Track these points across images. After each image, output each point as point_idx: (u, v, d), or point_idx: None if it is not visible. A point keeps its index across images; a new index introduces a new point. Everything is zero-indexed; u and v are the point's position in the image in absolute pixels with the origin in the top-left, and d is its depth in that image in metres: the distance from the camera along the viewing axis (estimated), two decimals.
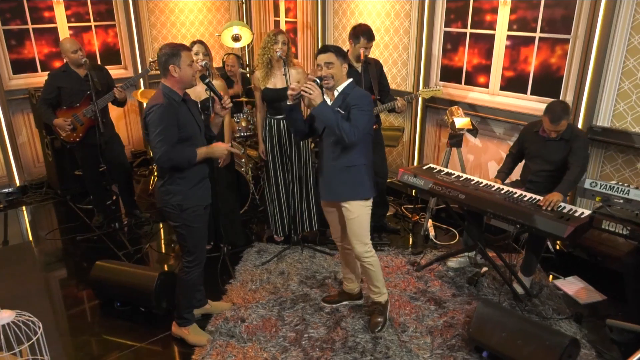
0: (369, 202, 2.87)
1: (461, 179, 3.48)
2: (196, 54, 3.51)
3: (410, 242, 4.17)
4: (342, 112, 2.73)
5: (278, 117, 3.78)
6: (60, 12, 5.10)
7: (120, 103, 4.12)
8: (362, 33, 3.73)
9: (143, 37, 5.63)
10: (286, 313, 3.20)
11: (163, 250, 4.14)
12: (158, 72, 4.23)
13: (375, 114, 3.81)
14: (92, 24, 5.35)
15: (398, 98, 3.79)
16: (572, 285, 3.48)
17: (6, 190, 5.06)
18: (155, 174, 5.33)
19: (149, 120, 2.55)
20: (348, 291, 3.27)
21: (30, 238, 4.38)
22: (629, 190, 2.34)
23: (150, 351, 2.95)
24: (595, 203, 2.81)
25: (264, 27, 6.25)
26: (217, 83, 3.47)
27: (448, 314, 3.19)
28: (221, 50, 6.22)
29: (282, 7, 5.97)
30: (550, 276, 3.62)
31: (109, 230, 4.29)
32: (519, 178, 3.56)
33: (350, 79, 2.84)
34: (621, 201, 2.33)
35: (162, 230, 4.45)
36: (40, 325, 2.32)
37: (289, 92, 2.76)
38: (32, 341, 2.32)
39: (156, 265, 3.94)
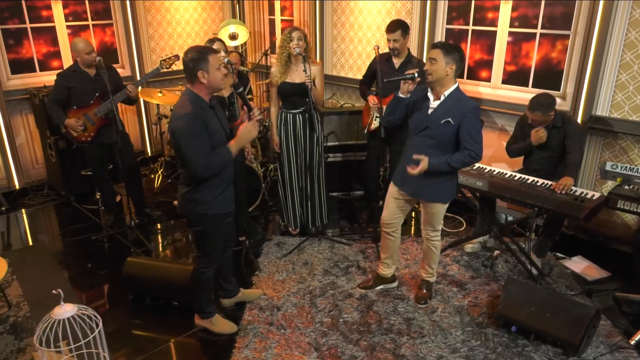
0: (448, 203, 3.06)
1: (475, 168, 3.69)
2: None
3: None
4: (452, 122, 2.78)
5: (294, 111, 3.88)
6: (58, 11, 5.03)
7: (131, 101, 4.12)
8: (386, 27, 3.87)
9: (140, 36, 5.61)
10: (318, 300, 3.32)
11: (181, 246, 4.18)
12: (168, 70, 4.31)
13: None
14: (90, 22, 5.29)
15: None
16: (578, 264, 3.74)
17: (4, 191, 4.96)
18: (160, 172, 5.34)
19: (178, 131, 2.47)
20: (383, 276, 3.41)
21: (41, 239, 4.32)
22: None
23: (190, 343, 3.00)
24: (596, 184, 3.05)
25: (258, 25, 6.32)
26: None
27: (471, 294, 3.38)
28: None
29: (277, 6, 6.05)
30: (552, 257, 3.86)
31: (124, 228, 4.29)
32: (522, 167, 3.79)
33: (457, 84, 2.87)
34: None
35: (174, 227, 4.47)
36: (100, 320, 2.35)
37: (408, 87, 2.88)
38: (93, 335, 2.34)
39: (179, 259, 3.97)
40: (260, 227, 4.40)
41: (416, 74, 2.83)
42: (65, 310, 2.31)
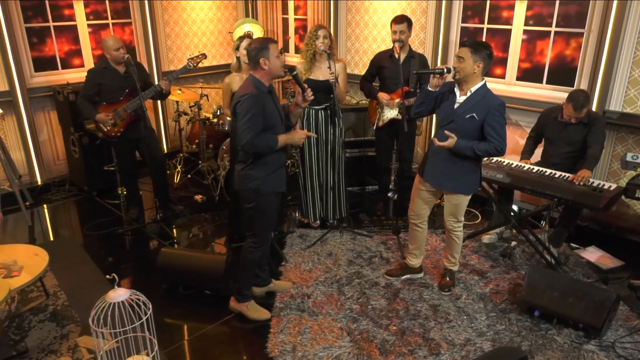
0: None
1: (493, 161, 3.82)
2: (246, 48, 3.68)
3: (439, 223, 4.48)
4: (477, 118, 2.91)
5: (316, 107, 4.00)
6: (79, 10, 5.13)
7: (163, 96, 4.24)
8: (393, 20, 4.00)
9: (157, 35, 5.71)
10: (345, 289, 3.44)
11: (204, 238, 4.29)
12: (210, 63, 4.39)
13: (407, 106, 4.10)
14: (110, 21, 5.40)
15: None
16: (592, 254, 3.88)
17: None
18: (179, 168, 5.45)
19: (239, 109, 2.74)
20: (411, 266, 3.54)
21: (67, 233, 4.42)
22: None
23: (226, 329, 3.12)
24: (609, 177, 3.19)
25: (271, 24, 6.43)
26: None
27: (492, 282, 3.51)
28: None
29: (290, 5, 6.17)
30: (567, 247, 4.00)
31: (148, 222, 4.41)
32: (540, 160, 3.93)
33: (484, 81, 2.98)
34: None
35: (196, 220, 4.59)
36: (150, 306, 2.46)
37: (436, 82, 3.00)
38: (145, 318, 2.45)
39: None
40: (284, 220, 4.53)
41: (445, 70, 2.96)
42: (119, 294, 2.42)
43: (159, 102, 5.84)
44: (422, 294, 3.38)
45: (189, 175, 5.35)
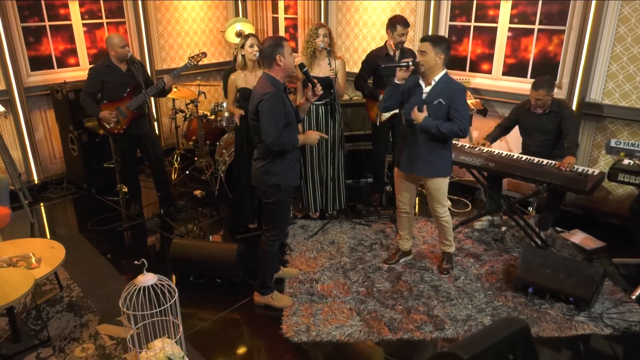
0: (448, 177, 3.41)
1: (484, 151, 4.06)
2: (251, 46, 3.83)
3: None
4: (443, 102, 3.16)
5: (317, 102, 4.16)
6: (75, 10, 5.18)
7: (164, 92, 4.34)
8: (398, 21, 4.17)
9: (150, 34, 5.79)
10: (350, 274, 3.63)
11: (207, 230, 4.42)
12: (209, 61, 4.51)
13: None
14: (104, 20, 5.46)
15: None
16: (577, 236, 4.15)
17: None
18: (175, 165, 5.54)
19: (262, 107, 2.81)
20: (404, 250, 3.75)
21: (70, 230, 4.49)
22: None
23: (241, 315, 3.26)
24: (590, 164, 3.45)
25: (261, 24, 6.56)
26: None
27: (487, 264, 3.74)
28: (227, 46, 6.49)
29: (281, 5, 6.31)
30: (553, 231, 4.27)
31: (152, 216, 4.51)
32: (521, 151, 4.18)
33: (445, 70, 3.22)
34: None
35: (198, 214, 4.71)
36: (176, 291, 2.58)
37: (403, 75, 3.19)
38: (170, 303, 2.57)
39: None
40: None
41: (410, 62, 3.18)
42: (148, 279, 2.54)
43: (152, 100, 5.92)
44: (423, 276, 3.59)
45: (187, 172, 5.45)
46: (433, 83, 3.22)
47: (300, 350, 2.91)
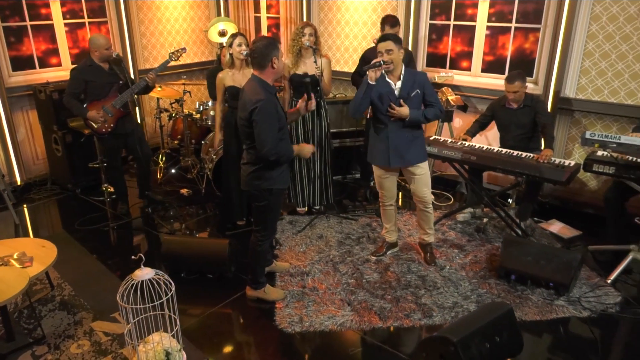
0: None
1: (465, 145, 4.20)
2: (239, 45, 3.88)
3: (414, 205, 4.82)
4: (420, 92, 3.35)
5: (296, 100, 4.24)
6: (56, 9, 5.15)
7: (148, 89, 4.37)
8: (387, 22, 4.30)
9: (133, 33, 5.78)
10: (340, 266, 3.72)
11: (194, 228, 4.46)
12: (192, 60, 4.56)
13: None
14: (86, 20, 5.43)
15: None
16: (554, 226, 4.32)
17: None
18: (160, 164, 5.55)
19: (257, 117, 2.76)
20: (391, 242, 3.86)
21: (56, 230, 4.47)
22: (619, 137, 3.16)
23: (235, 308, 3.32)
24: (565, 156, 3.62)
25: (243, 23, 6.60)
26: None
27: (470, 254, 3.88)
28: (209, 45, 6.51)
29: (263, 4, 6.37)
30: (532, 221, 4.44)
31: (140, 215, 4.53)
32: (499, 145, 4.34)
33: (403, 65, 3.37)
34: (614, 145, 3.14)
35: (185, 211, 4.74)
36: (173, 285, 2.63)
37: (375, 75, 3.29)
38: (167, 297, 2.61)
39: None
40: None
41: (382, 61, 3.28)
42: (145, 273, 2.58)
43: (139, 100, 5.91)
44: (410, 267, 3.71)
45: (173, 171, 5.47)
46: (401, 77, 3.37)
47: (294, 340, 2.99)
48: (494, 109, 4.22)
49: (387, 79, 3.38)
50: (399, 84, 3.38)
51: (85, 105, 4.19)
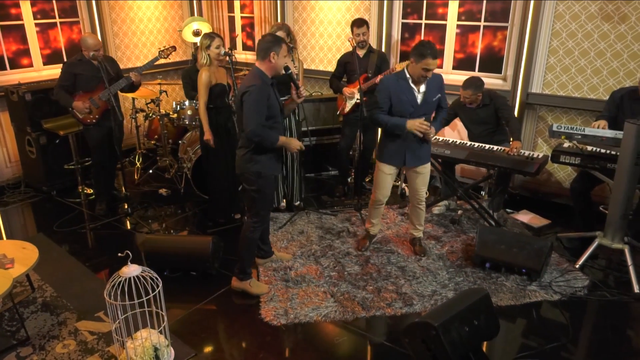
0: None
1: (440, 140, 4.34)
2: (217, 47, 3.91)
3: (393, 200, 4.95)
4: (439, 95, 3.52)
5: (281, 98, 4.30)
6: (26, 9, 5.07)
7: (134, 87, 4.49)
8: (353, 23, 4.40)
9: (105, 33, 5.73)
10: (321, 260, 3.80)
11: (173, 227, 4.47)
12: (167, 60, 4.59)
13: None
14: (58, 20, 5.36)
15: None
16: (525, 216, 4.52)
17: None
18: (137, 165, 5.52)
19: (247, 97, 2.94)
20: (372, 233, 3.97)
21: (35, 232, 4.41)
22: (584, 129, 3.35)
23: (218, 305, 3.36)
24: (533, 149, 3.80)
25: (217, 23, 6.62)
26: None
27: (447, 244, 4.02)
28: (183, 45, 6.50)
29: (237, 4, 6.40)
30: (504, 212, 4.62)
31: (120, 215, 4.52)
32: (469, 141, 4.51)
33: None
34: (579, 137, 3.32)
35: (164, 211, 4.74)
36: (160, 282, 2.66)
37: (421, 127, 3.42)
38: (154, 293, 2.64)
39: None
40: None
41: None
42: (132, 270, 2.61)
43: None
44: (389, 259, 3.82)
45: (151, 171, 5.45)
46: (426, 83, 3.43)
47: (280, 332, 3.06)
48: (455, 108, 4.38)
49: (411, 84, 3.42)
50: (422, 87, 3.43)
51: (75, 96, 4.31)
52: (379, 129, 4.93)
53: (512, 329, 3.12)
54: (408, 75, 3.42)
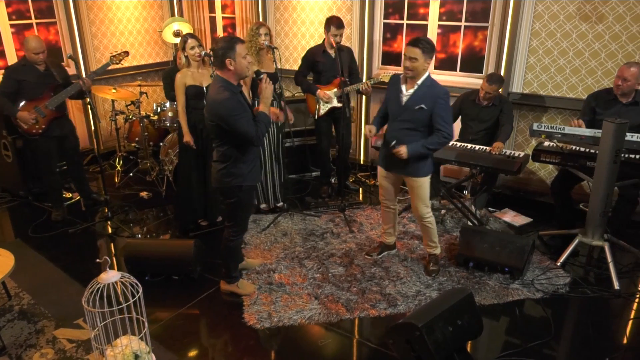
0: (429, 175, 3.42)
1: None
2: (192, 48, 3.86)
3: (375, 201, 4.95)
4: (425, 108, 3.11)
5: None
6: (1, 10, 4.95)
7: (82, 94, 4.22)
8: (332, 23, 4.37)
9: (83, 34, 5.63)
10: (305, 262, 3.78)
11: (160, 230, 4.41)
12: (118, 66, 4.49)
13: (346, 94, 4.52)
14: (34, 21, 5.25)
15: (364, 81, 4.52)
16: (507, 215, 4.55)
17: None
18: (118, 168, 5.43)
19: (224, 114, 2.79)
20: (387, 243, 3.87)
21: (10, 238, 4.31)
22: (564, 128, 3.38)
23: (200, 309, 3.32)
24: (515, 148, 3.84)
25: (198, 23, 6.54)
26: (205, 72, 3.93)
27: None
28: (164, 46, 6.41)
29: (218, 4, 6.33)
30: (487, 211, 4.65)
31: (100, 220, 4.43)
32: (458, 137, 4.53)
33: (428, 73, 3.18)
34: (559, 135, 3.35)
35: (145, 214, 4.67)
36: (140, 287, 2.60)
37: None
38: (134, 299, 2.58)
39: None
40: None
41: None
42: (111, 276, 2.55)
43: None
44: (374, 260, 3.81)
45: (131, 174, 5.37)
46: (416, 86, 3.18)
47: (264, 336, 3.03)
48: (462, 103, 4.37)
49: (402, 85, 3.25)
50: (410, 91, 3.20)
51: (19, 106, 4.06)
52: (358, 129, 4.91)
53: (496, 327, 3.13)
54: (402, 75, 3.31)
